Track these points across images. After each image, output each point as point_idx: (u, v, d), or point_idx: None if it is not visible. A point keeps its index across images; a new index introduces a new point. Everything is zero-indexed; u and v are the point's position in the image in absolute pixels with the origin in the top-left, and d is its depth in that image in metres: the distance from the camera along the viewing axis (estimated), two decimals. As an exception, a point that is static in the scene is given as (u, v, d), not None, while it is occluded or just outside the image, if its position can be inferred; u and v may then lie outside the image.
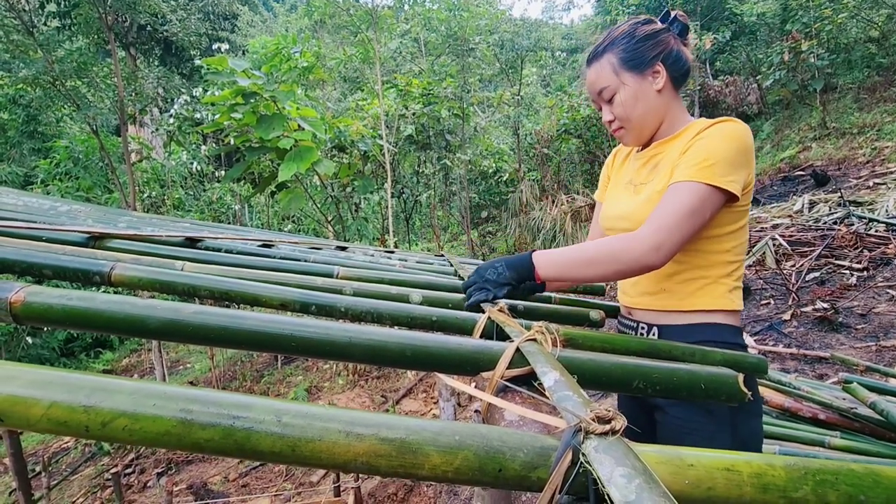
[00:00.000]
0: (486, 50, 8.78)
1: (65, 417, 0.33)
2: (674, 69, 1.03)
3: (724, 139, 0.92)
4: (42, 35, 5.67)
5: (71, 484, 4.49)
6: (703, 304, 1.01)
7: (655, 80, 1.02)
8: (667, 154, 1.03)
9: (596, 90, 1.06)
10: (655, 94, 1.03)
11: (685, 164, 0.93)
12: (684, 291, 1.03)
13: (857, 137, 8.51)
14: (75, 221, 1.66)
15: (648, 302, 1.08)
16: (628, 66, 1.02)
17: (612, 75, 1.03)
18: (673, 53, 1.03)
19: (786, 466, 0.37)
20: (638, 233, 0.91)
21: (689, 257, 1.01)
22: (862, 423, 1.70)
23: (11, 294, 0.59)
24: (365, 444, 0.35)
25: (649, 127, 1.06)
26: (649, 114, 1.04)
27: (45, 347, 8.06)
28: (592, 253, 0.94)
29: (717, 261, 1.01)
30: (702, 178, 0.90)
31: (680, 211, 0.89)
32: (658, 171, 1.03)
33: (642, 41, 1.01)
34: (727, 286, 1.02)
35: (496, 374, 0.58)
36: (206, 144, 8.91)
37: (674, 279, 1.03)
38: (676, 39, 1.05)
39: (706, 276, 1.01)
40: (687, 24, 1.06)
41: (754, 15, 11.48)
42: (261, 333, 0.60)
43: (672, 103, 1.05)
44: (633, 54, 1.01)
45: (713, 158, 0.91)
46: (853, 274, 4.81)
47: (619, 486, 0.30)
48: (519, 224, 9.13)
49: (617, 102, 1.04)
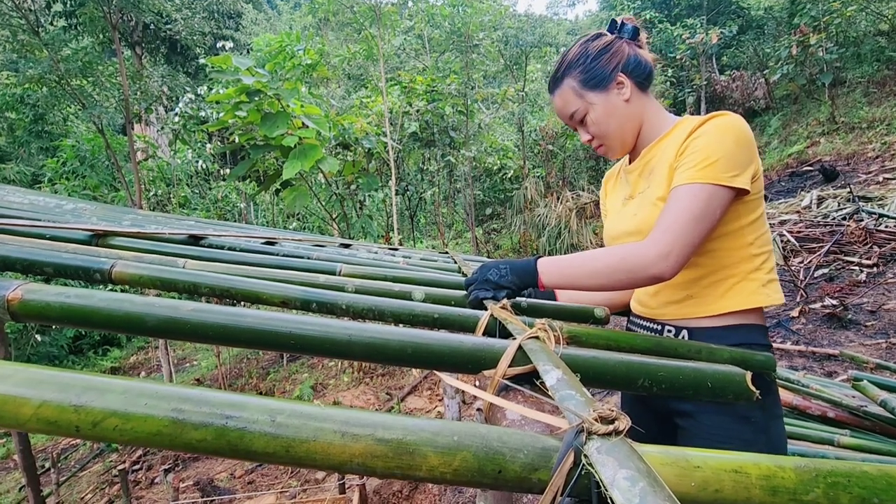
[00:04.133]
0: (490, 46, 8.74)
1: (55, 417, 0.33)
2: (636, 75, 1.02)
3: (720, 134, 0.89)
4: (48, 34, 5.70)
5: (79, 480, 4.54)
6: (737, 305, 0.96)
7: (621, 91, 1.02)
8: (658, 157, 1.01)
9: (566, 115, 1.06)
10: (625, 105, 1.02)
11: (685, 166, 0.90)
12: (714, 295, 0.97)
13: (866, 132, 8.41)
14: (80, 219, 1.66)
15: (674, 311, 1.03)
16: (591, 86, 1.02)
17: (577, 98, 1.03)
18: (631, 60, 1.02)
19: (796, 468, 0.36)
20: (645, 241, 0.88)
21: (710, 259, 0.97)
22: (872, 422, 1.68)
23: (9, 292, 0.58)
24: (361, 444, 0.34)
25: (629, 136, 1.05)
26: (625, 125, 1.04)
27: (54, 345, 8.13)
28: (598, 262, 0.91)
29: (741, 256, 0.96)
30: (704, 178, 0.87)
31: (685, 216, 0.86)
32: (654, 176, 1.01)
33: (597, 58, 1.01)
34: (759, 281, 0.96)
35: (498, 373, 0.57)
36: (212, 143, 8.93)
37: (700, 284, 0.98)
38: (630, 44, 1.04)
39: (734, 275, 0.96)
40: (636, 26, 1.06)
41: (761, 9, 11.36)
42: (260, 331, 0.59)
43: (646, 107, 1.05)
44: (591, 73, 1.01)
45: (713, 156, 0.88)
46: (863, 270, 4.75)
47: (623, 489, 0.29)
48: (524, 221, 9.10)
49: (590, 122, 1.04)
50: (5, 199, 1.89)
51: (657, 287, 1.04)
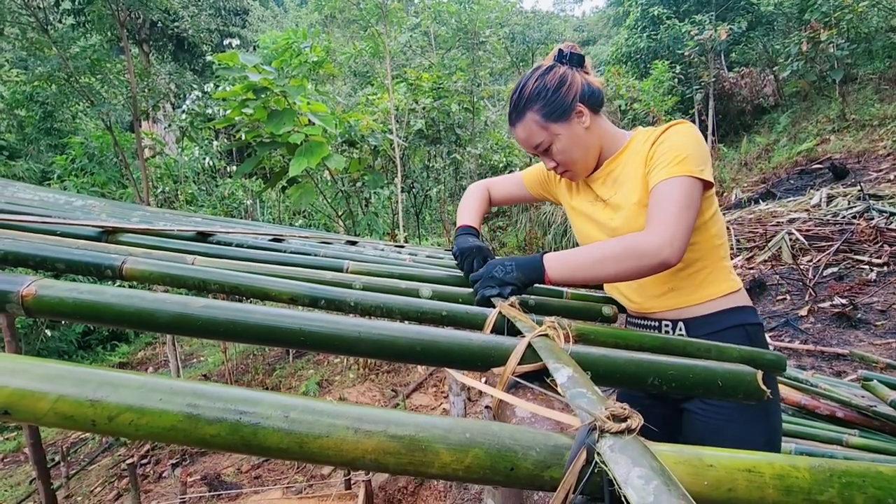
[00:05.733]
0: (497, 43, 8.70)
1: (71, 411, 0.33)
2: (591, 103, 1.08)
3: (683, 137, 0.98)
4: (57, 32, 5.73)
5: (89, 474, 4.59)
6: (714, 292, 1.05)
7: (581, 120, 1.07)
8: (621, 168, 1.08)
9: (531, 146, 1.10)
10: (586, 132, 1.07)
11: (659, 167, 0.97)
12: (693, 284, 1.06)
13: (877, 129, 8.30)
14: (89, 216, 1.67)
15: (660, 304, 1.09)
16: (553, 118, 1.05)
17: (541, 131, 1.07)
18: (585, 90, 1.06)
19: (810, 468, 0.36)
20: (646, 231, 0.93)
21: (687, 252, 1.03)
22: (882, 422, 1.66)
23: (23, 287, 0.59)
24: (373, 441, 0.34)
25: (592, 160, 1.11)
26: (589, 150, 1.09)
27: (64, 340, 8.22)
28: (606, 252, 0.94)
29: (709, 247, 1.06)
30: (681, 171, 0.94)
31: (677, 205, 0.92)
32: (621, 185, 1.07)
33: (556, 90, 1.04)
34: (726, 268, 1.07)
35: (507, 370, 0.56)
36: (218, 140, 8.97)
37: (679, 276, 1.06)
38: (580, 72, 1.08)
39: (706, 266, 1.06)
40: (580, 55, 1.10)
41: (771, 5, 11.24)
42: (269, 328, 0.60)
43: (602, 129, 1.11)
44: (553, 106, 1.05)
45: (683, 153, 0.96)
46: (872, 269, 4.70)
47: (637, 487, 0.29)
48: (529, 219, 9.08)
49: (556, 151, 1.08)
50: (16, 196, 1.91)
51: (639, 282, 1.10)
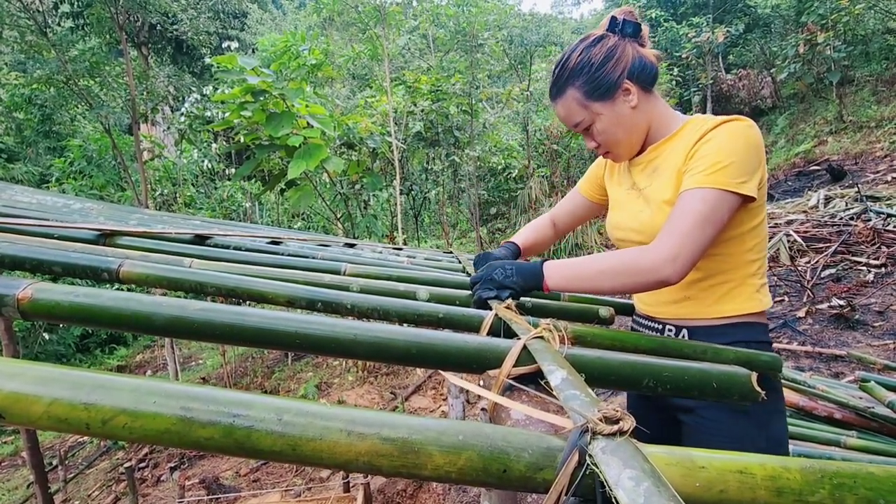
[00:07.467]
0: (495, 45, 8.71)
1: (65, 415, 0.33)
2: (641, 79, 0.98)
3: (732, 140, 0.88)
4: (56, 35, 5.74)
5: (86, 477, 4.57)
6: (731, 310, 0.97)
7: (628, 99, 0.97)
8: (665, 156, 0.99)
9: (571, 124, 1.02)
10: (632, 112, 0.98)
11: (694, 171, 0.89)
12: (710, 298, 0.98)
13: (874, 131, 8.34)
14: (87, 219, 1.67)
15: (672, 311, 1.04)
16: (596, 96, 0.96)
17: (581, 109, 0.99)
18: (635, 64, 0.96)
19: (801, 469, 0.36)
20: (652, 245, 0.87)
21: (711, 263, 0.97)
22: (879, 423, 1.66)
23: (19, 291, 0.59)
24: (366, 443, 0.34)
25: (637, 142, 1.02)
26: (634, 131, 1.00)
27: (62, 343, 8.20)
28: (605, 265, 0.90)
29: (740, 261, 0.97)
30: (713, 183, 0.86)
31: (693, 221, 0.85)
32: (659, 175, 0.99)
33: (601, 66, 0.95)
34: (754, 286, 0.98)
35: (502, 373, 0.57)
36: (217, 142, 8.96)
37: (697, 286, 0.99)
38: (633, 44, 0.98)
39: (731, 280, 0.97)
40: (636, 23, 0.99)
41: (768, 7, 11.28)
42: (265, 330, 0.60)
43: (652, 108, 1.01)
44: (596, 83, 0.96)
45: (724, 162, 0.86)
46: (870, 270, 4.71)
47: (627, 488, 0.29)
48: (528, 220, 9.08)
49: (597, 132, 1.00)
50: (14, 199, 1.91)
51: None
